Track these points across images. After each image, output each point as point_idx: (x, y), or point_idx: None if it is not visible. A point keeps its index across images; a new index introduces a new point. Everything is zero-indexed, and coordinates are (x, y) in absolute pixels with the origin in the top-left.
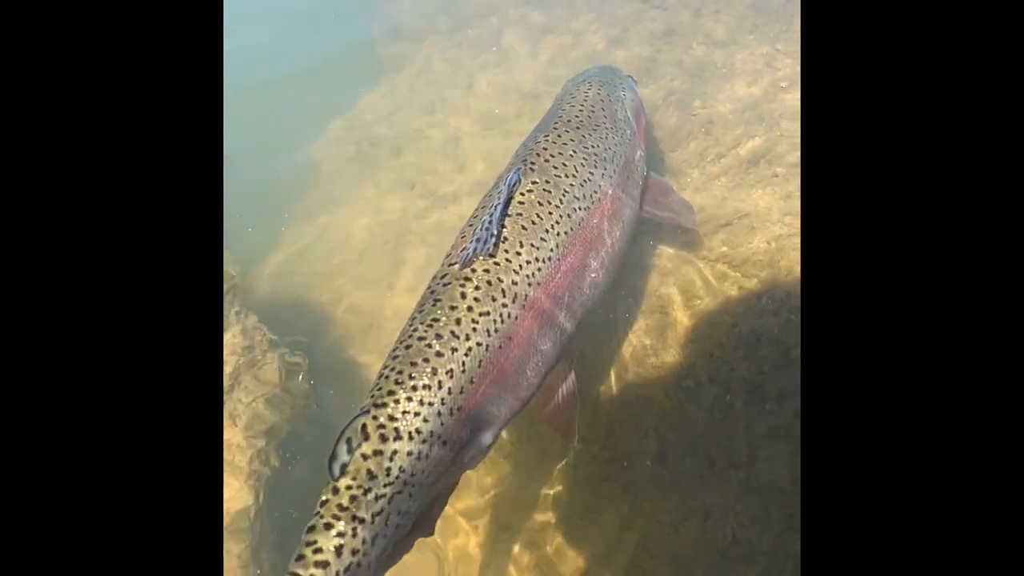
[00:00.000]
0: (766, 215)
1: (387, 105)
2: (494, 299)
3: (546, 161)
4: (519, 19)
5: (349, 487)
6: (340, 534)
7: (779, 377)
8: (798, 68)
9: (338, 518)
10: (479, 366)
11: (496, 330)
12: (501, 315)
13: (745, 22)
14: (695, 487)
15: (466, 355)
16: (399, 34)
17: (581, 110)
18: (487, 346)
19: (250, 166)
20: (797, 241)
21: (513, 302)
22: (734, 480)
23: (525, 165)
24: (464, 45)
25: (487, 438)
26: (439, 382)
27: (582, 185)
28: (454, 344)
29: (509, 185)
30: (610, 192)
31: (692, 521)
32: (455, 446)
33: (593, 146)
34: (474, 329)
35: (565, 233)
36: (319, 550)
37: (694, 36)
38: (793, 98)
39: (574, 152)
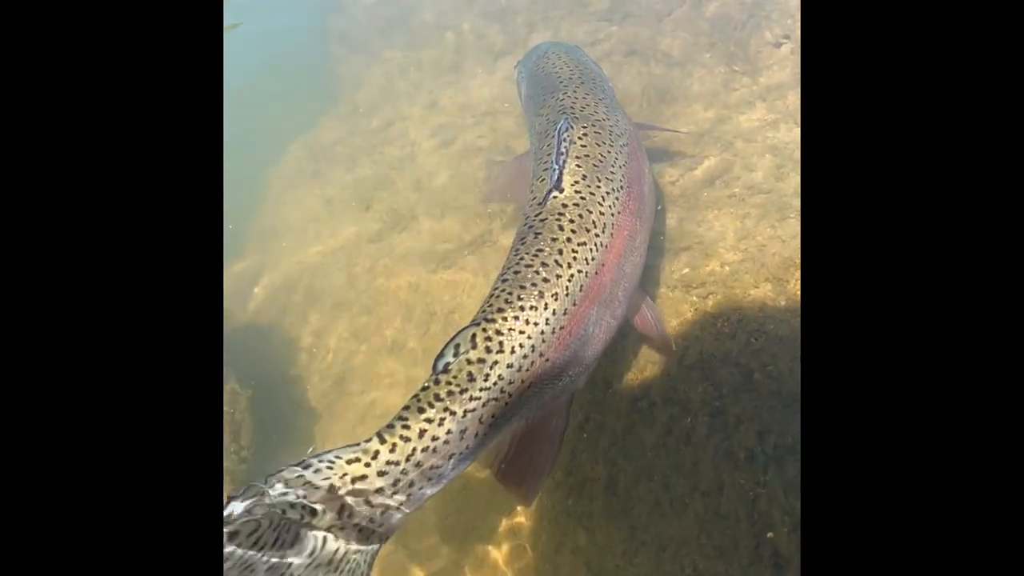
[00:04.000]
0: (720, 238)
1: (344, 126)
2: (587, 230)
3: (581, 110)
4: (475, 39)
5: (449, 383)
6: (428, 420)
7: (738, 401)
8: (755, 87)
9: (432, 405)
10: (580, 290)
11: (592, 258)
12: (595, 243)
13: (701, 39)
14: (648, 517)
15: (569, 281)
16: (356, 51)
17: (572, 71)
18: (586, 272)
19: None
20: (751, 264)
21: (603, 231)
22: (698, 509)
23: (569, 115)
24: (423, 65)
25: (589, 356)
26: (545, 304)
27: (616, 125)
28: (558, 271)
29: (560, 131)
30: (630, 129)
31: (646, 553)
32: (557, 363)
33: (603, 96)
34: (574, 258)
35: (622, 166)
36: (407, 426)
37: (652, 55)
38: (747, 118)
39: (596, 101)
